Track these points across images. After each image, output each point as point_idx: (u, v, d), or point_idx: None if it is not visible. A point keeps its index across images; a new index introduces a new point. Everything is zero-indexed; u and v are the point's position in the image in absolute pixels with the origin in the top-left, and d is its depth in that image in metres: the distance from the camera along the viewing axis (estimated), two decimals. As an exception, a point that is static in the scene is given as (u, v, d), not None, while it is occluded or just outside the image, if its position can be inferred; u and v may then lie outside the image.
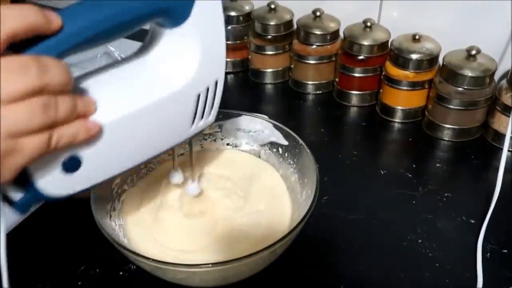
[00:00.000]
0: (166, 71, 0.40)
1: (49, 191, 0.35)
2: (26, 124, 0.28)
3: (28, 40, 0.29)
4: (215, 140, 0.62)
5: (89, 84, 0.36)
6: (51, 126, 0.30)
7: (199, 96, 0.42)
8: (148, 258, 0.43)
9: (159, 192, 0.56)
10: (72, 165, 0.35)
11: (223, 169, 0.60)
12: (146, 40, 0.41)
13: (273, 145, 0.60)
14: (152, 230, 0.52)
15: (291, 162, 0.57)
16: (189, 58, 0.40)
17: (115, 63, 0.40)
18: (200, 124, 0.44)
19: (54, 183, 0.35)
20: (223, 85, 0.43)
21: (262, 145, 0.61)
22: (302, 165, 0.55)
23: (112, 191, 0.53)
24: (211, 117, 0.45)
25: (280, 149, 0.59)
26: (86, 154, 0.36)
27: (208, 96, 0.43)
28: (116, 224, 0.51)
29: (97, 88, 0.36)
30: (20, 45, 0.29)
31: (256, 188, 0.57)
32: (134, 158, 0.41)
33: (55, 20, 0.30)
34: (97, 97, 0.35)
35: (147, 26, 0.38)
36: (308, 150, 0.54)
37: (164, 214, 0.54)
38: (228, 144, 0.62)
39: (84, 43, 0.32)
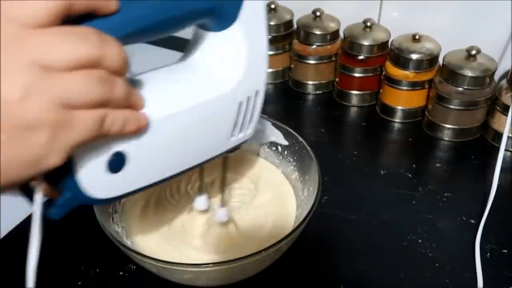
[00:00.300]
0: (211, 74, 0.39)
1: (92, 191, 0.33)
2: (83, 95, 0.26)
3: (82, 18, 0.28)
4: None
5: (137, 81, 0.36)
6: (105, 104, 0.28)
7: (240, 104, 0.41)
8: (156, 260, 0.42)
9: (161, 191, 0.56)
10: (117, 163, 0.33)
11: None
12: (189, 45, 0.40)
13: (272, 143, 0.60)
14: (155, 230, 0.52)
15: (291, 160, 0.58)
16: (234, 63, 0.39)
17: (160, 67, 0.39)
18: (239, 136, 0.43)
19: (98, 182, 0.33)
20: (263, 98, 0.42)
21: (261, 144, 0.61)
22: (302, 162, 0.55)
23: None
24: (250, 130, 0.43)
25: (279, 147, 0.59)
26: (131, 151, 0.34)
27: (248, 107, 0.41)
28: (118, 226, 0.51)
29: (145, 85, 0.35)
30: (74, 22, 0.27)
31: (260, 188, 0.57)
32: (176, 164, 0.39)
33: (114, 1, 0.29)
34: (145, 94, 0.33)
35: (178, 34, 0.38)
36: (308, 148, 0.54)
37: (167, 213, 0.54)
38: None
39: (138, 32, 0.31)
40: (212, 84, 0.39)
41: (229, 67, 0.39)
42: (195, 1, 0.34)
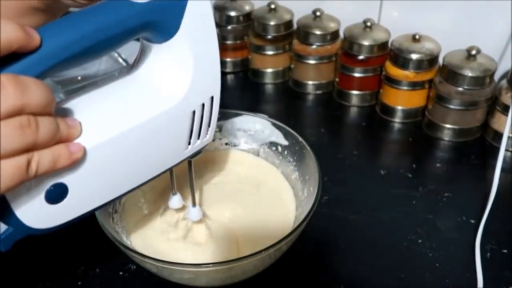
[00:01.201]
0: (157, 88, 0.37)
1: (34, 224, 0.32)
2: (3, 145, 0.26)
3: (5, 58, 0.27)
4: (213, 140, 0.62)
5: (74, 105, 0.34)
6: (30, 149, 0.28)
7: (194, 114, 0.39)
8: (156, 260, 0.42)
9: (162, 190, 0.56)
10: (57, 194, 0.32)
11: (224, 170, 0.60)
12: (137, 56, 0.39)
13: (272, 143, 0.60)
14: (155, 230, 0.52)
15: (291, 159, 0.58)
16: (180, 73, 0.37)
17: (104, 81, 0.38)
18: (196, 144, 0.41)
19: (39, 215, 0.32)
20: (220, 101, 0.41)
21: (261, 144, 0.61)
22: (302, 162, 0.55)
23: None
24: (208, 136, 0.42)
25: (279, 147, 0.59)
26: (72, 182, 0.33)
27: (204, 114, 0.40)
28: (119, 226, 0.51)
29: (83, 109, 0.34)
30: None
31: (260, 188, 0.57)
32: (126, 183, 0.38)
33: (36, 37, 0.28)
34: (82, 119, 0.32)
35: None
36: (308, 147, 0.54)
37: (167, 213, 0.54)
38: (226, 144, 0.62)
39: (66, 62, 0.30)
40: (156, 99, 0.37)
41: (175, 78, 0.38)
42: (125, 20, 0.32)
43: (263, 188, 0.57)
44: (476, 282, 0.51)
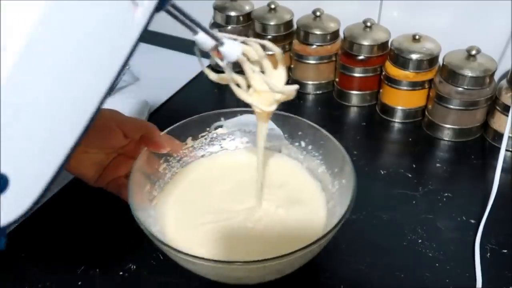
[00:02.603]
0: None
1: None
2: None
3: None
4: (233, 139, 0.62)
5: None
6: None
7: None
8: (201, 258, 0.42)
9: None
10: None
11: (247, 169, 0.59)
12: None
13: (294, 139, 0.59)
14: (190, 227, 0.52)
15: (316, 154, 0.57)
16: None
17: None
18: (145, 4, 0.27)
19: None
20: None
21: (282, 141, 0.60)
22: (328, 155, 0.55)
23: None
24: None
25: (302, 143, 0.59)
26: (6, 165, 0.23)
27: None
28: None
29: None
30: None
31: (288, 186, 0.57)
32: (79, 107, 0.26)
33: None
34: None
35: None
36: (334, 140, 0.53)
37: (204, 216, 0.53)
38: (247, 142, 0.62)
39: None
40: None
41: None
42: None
43: (288, 185, 0.57)
44: (475, 282, 0.51)
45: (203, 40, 0.38)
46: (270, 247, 0.50)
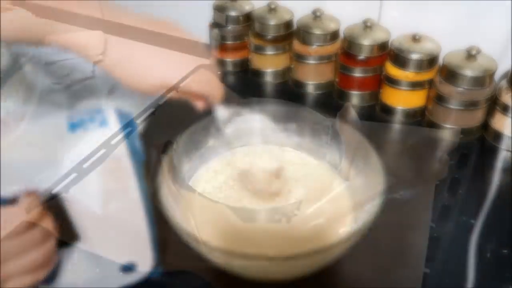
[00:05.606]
0: None
1: None
2: None
3: None
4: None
5: None
6: None
7: None
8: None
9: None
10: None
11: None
12: None
13: (315, 134, 0.59)
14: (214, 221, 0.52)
15: (337, 147, 0.58)
16: None
17: None
18: None
19: None
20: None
21: (302, 136, 0.60)
22: (350, 145, 0.55)
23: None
24: None
25: (324, 137, 0.58)
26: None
27: None
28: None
29: None
30: None
31: (310, 182, 0.57)
32: None
33: None
34: None
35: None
36: (354, 129, 0.54)
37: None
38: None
39: None
40: None
41: None
42: None
43: (309, 180, 0.57)
44: (475, 282, 0.51)
45: None
46: (297, 243, 0.50)
